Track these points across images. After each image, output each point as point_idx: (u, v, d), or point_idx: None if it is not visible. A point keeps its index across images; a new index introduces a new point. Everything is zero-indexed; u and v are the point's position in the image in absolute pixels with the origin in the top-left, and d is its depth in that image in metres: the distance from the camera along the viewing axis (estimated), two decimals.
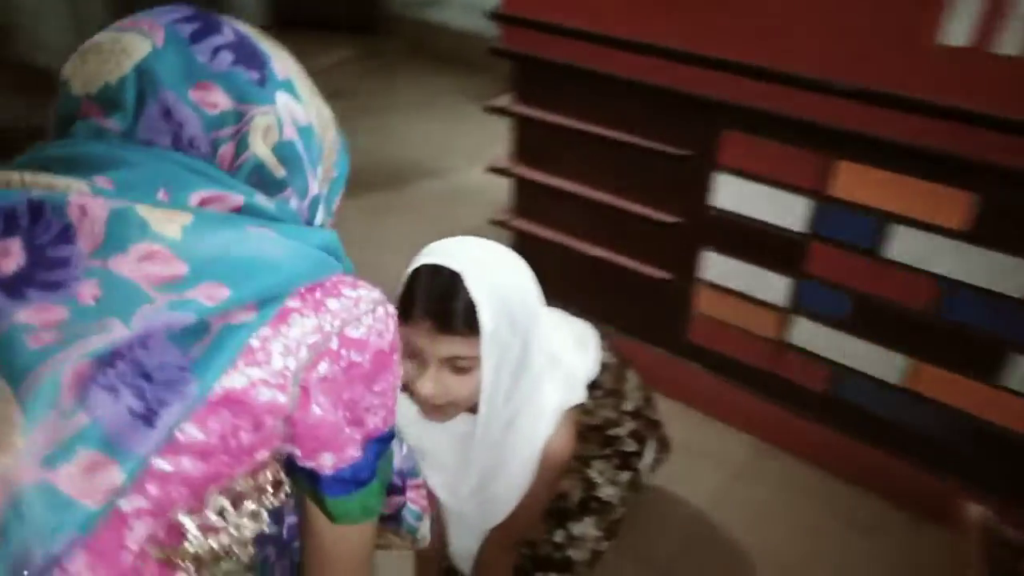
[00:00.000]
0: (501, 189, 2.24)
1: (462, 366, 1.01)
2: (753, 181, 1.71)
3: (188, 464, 0.54)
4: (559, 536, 1.31)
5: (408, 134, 3.63)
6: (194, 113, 0.59)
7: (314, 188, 0.67)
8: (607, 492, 1.34)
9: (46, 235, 0.53)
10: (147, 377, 0.51)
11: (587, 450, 1.32)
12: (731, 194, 1.76)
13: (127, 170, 0.56)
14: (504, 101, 2.05)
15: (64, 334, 0.50)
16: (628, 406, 1.41)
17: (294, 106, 0.64)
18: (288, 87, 0.64)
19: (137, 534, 0.53)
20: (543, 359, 1.14)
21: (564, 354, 1.25)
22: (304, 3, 4.54)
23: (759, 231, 1.75)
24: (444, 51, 4.46)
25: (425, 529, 0.90)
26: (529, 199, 2.15)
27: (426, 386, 1.01)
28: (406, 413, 1.13)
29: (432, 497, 1.23)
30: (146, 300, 0.52)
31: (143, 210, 0.54)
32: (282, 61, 0.66)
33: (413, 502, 0.86)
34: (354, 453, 0.65)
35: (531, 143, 2.08)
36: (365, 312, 0.63)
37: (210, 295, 0.53)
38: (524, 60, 1.95)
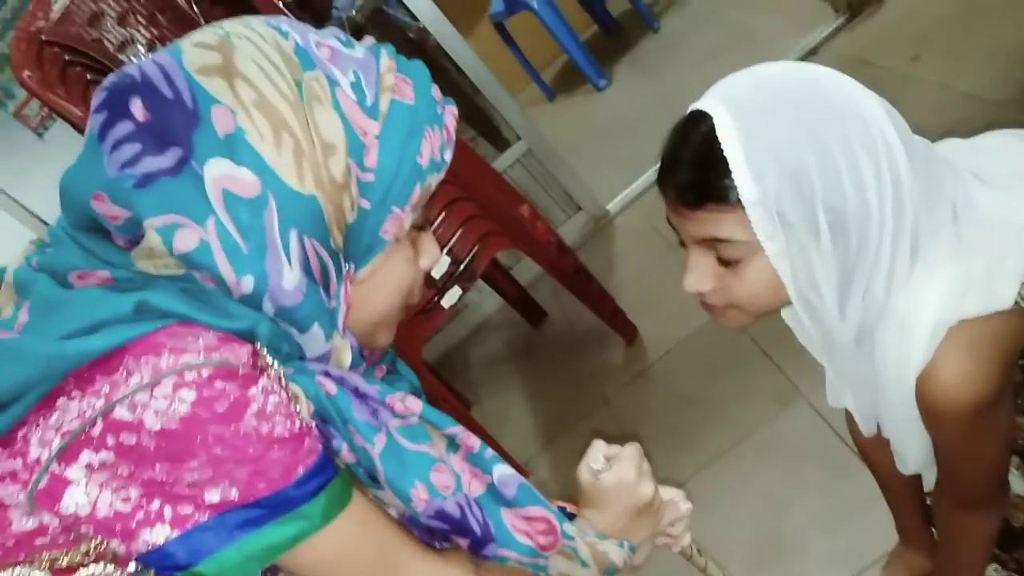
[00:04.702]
0: None
1: (729, 255, 0.72)
2: None
3: None
4: None
5: None
6: (108, 224, 0.57)
7: (234, 279, 0.56)
8: None
9: None
10: None
11: None
12: None
13: (52, 249, 0.61)
14: None
15: None
16: None
17: (234, 174, 0.55)
18: (229, 146, 0.55)
19: None
20: (916, 231, 0.71)
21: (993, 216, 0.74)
22: None
23: None
24: None
25: (548, 562, 0.70)
26: None
27: (686, 280, 0.76)
28: None
29: None
30: None
31: None
32: (235, 93, 0.55)
33: (526, 535, 0.68)
34: (160, 536, 0.54)
35: None
36: (141, 388, 0.52)
37: None
38: None
